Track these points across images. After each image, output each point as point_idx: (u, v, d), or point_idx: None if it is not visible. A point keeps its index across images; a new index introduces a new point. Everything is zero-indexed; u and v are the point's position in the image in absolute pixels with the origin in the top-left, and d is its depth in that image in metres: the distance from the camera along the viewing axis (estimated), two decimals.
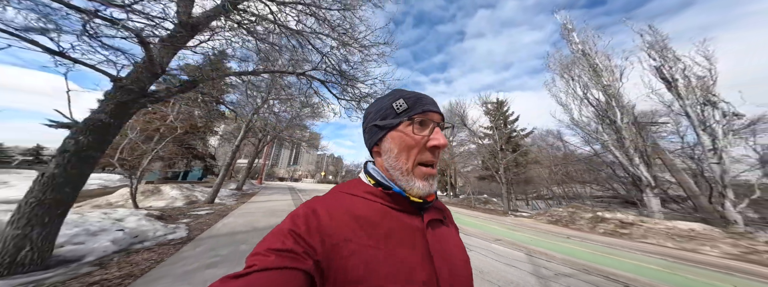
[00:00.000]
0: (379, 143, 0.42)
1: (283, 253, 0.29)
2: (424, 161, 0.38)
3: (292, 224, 0.33)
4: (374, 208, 0.37)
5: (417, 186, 0.38)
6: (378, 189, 0.39)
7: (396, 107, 0.40)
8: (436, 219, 0.41)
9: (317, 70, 4.31)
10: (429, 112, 0.40)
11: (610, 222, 7.27)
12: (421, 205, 0.39)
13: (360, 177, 0.44)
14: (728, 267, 3.96)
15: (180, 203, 6.31)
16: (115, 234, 2.83)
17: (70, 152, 2.15)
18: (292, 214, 0.35)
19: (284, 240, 0.30)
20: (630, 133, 7.93)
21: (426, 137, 0.38)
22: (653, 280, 2.99)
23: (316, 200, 0.38)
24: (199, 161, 13.84)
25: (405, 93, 0.42)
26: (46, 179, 2.06)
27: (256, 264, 0.27)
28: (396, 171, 0.39)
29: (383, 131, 0.40)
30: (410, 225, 0.37)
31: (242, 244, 3.42)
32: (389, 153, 0.40)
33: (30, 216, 1.98)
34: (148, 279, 2.18)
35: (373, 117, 0.43)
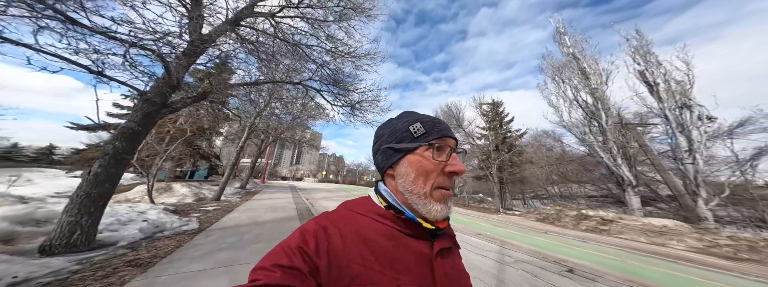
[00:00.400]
0: (393, 166, 0.41)
1: (290, 270, 0.29)
2: (442, 185, 0.38)
3: (302, 241, 0.32)
4: (384, 232, 0.37)
5: (435, 209, 0.37)
6: (390, 212, 0.39)
7: (413, 131, 0.40)
8: (446, 248, 0.40)
9: (312, 80, 4.80)
10: (446, 137, 0.40)
11: (592, 220, 7.66)
12: (433, 232, 0.38)
13: (370, 197, 0.43)
14: (681, 257, 4.37)
15: (189, 199, 6.88)
16: (141, 224, 3.36)
17: (110, 155, 2.67)
18: (302, 229, 0.35)
19: (292, 256, 0.30)
20: (613, 134, 8.28)
21: (444, 163, 0.38)
22: (599, 266, 3.43)
23: (327, 217, 0.38)
24: (204, 160, 14.51)
25: (421, 117, 0.42)
26: (91, 176, 2.57)
27: (261, 279, 0.27)
28: (413, 195, 0.38)
29: (399, 154, 0.40)
30: (419, 251, 0.36)
31: (246, 234, 3.93)
32: (405, 177, 0.39)
33: (80, 206, 2.50)
34: (170, 259, 2.69)
35: (387, 139, 0.42)
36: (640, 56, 8.04)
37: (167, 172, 11.43)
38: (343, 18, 5.03)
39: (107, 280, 2.09)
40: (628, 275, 3.09)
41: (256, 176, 25.86)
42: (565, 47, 11.12)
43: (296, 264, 0.29)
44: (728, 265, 4.06)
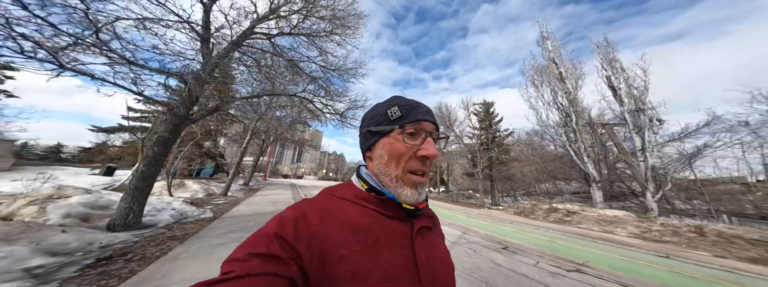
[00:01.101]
0: (371, 149, 0.42)
1: (267, 258, 0.28)
2: (414, 169, 0.38)
3: (279, 228, 0.32)
4: (365, 213, 0.37)
5: (405, 194, 0.38)
6: (371, 195, 0.39)
7: (390, 114, 0.40)
8: (425, 226, 0.41)
9: (306, 92, 5.66)
10: (422, 121, 0.39)
11: (559, 212, 8.56)
12: (412, 212, 0.39)
13: (352, 181, 0.43)
14: (607, 238, 5.30)
15: (201, 194, 7.81)
16: (171, 211, 4.27)
17: (151, 158, 3.56)
18: (278, 217, 0.34)
19: (269, 244, 0.29)
20: (580, 134, 9.11)
21: (416, 146, 0.38)
22: (531, 245, 4.33)
23: (306, 203, 0.38)
24: (210, 159, 15.49)
25: (401, 101, 0.43)
26: (139, 174, 3.47)
27: (235, 270, 0.26)
28: (385, 177, 0.39)
29: (376, 137, 0.41)
30: (400, 231, 0.37)
31: (250, 222, 4.83)
32: (380, 159, 0.40)
33: (132, 196, 3.39)
34: (197, 236, 3.59)
35: (368, 122, 0.43)
36: (607, 63, 8.80)
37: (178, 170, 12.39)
38: (333, 33, 5.85)
39: (159, 248, 2.99)
40: (545, 250, 4.00)
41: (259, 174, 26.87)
42: (546, 52, 11.84)
43: (273, 251, 0.29)
44: (641, 244, 4.97)
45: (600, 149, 9.08)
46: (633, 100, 7.72)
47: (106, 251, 2.59)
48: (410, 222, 0.39)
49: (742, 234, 4.88)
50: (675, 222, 5.95)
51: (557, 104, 10.44)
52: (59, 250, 2.30)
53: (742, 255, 4.41)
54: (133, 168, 4.32)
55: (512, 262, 3.26)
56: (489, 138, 17.07)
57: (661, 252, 4.41)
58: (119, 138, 16.10)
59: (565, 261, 3.44)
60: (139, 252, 2.77)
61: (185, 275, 2.24)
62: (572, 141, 9.49)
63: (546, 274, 2.87)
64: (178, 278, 2.17)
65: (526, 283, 2.59)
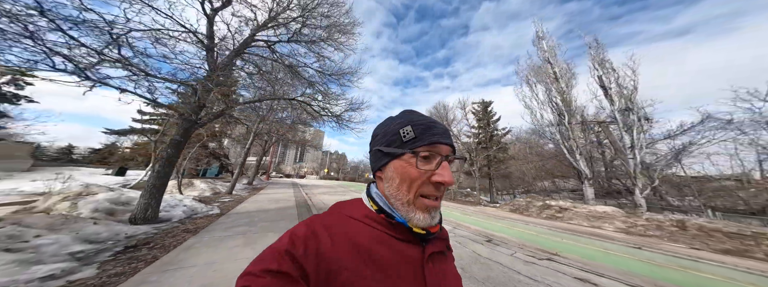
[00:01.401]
0: (382, 169, 0.40)
1: (279, 275, 0.28)
2: (427, 194, 0.37)
3: (290, 244, 0.32)
4: (374, 236, 0.36)
5: (417, 218, 0.36)
6: (380, 216, 0.38)
7: (402, 135, 0.38)
8: (438, 252, 0.39)
9: (304, 96, 6.01)
10: (437, 144, 0.37)
11: (552, 209, 8.81)
12: (424, 236, 0.38)
13: (362, 199, 0.43)
14: (592, 233, 5.56)
15: (208, 193, 8.26)
16: (183, 208, 4.68)
17: (165, 159, 3.95)
18: (291, 232, 0.34)
19: (280, 260, 0.30)
20: (573, 133, 9.32)
21: (430, 172, 0.36)
22: (515, 238, 4.64)
23: (317, 219, 0.38)
24: (215, 160, 16.06)
25: (415, 119, 0.40)
26: (156, 173, 3.87)
27: (251, 286, 0.27)
28: (396, 201, 0.38)
29: (387, 158, 0.39)
30: (410, 256, 0.36)
31: (255, 217, 5.22)
32: (391, 182, 0.38)
33: (150, 193, 3.80)
34: (207, 229, 3.99)
35: (379, 140, 0.42)
36: (598, 63, 8.98)
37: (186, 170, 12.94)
38: (330, 39, 6.20)
39: (175, 238, 3.38)
40: (526, 242, 4.30)
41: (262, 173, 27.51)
42: (542, 51, 12.00)
43: (284, 268, 0.29)
44: (623, 237, 5.24)
45: (594, 147, 9.28)
46: (622, 99, 7.91)
47: (132, 240, 2.99)
48: (422, 247, 0.38)
49: (721, 228, 5.10)
50: (659, 217, 6.18)
51: (551, 103, 10.64)
52: (93, 239, 2.69)
53: (717, 247, 4.65)
54: (148, 168, 4.84)
55: (492, 252, 3.58)
56: (487, 137, 17.29)
57: (638, 244, 4.68)
58: (128, 140, 16.78)
59: (542, 251, 3.74)
60: (159, 242, 3.16)
61: (198, 261, 2.61)
62: (566, 139, 9.70)
63: (520, 262, 3.18)
64: (193, 263, 2.55)
65: (498, 269, 2.91)
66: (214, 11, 5.13)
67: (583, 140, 9.16)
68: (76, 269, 2.12)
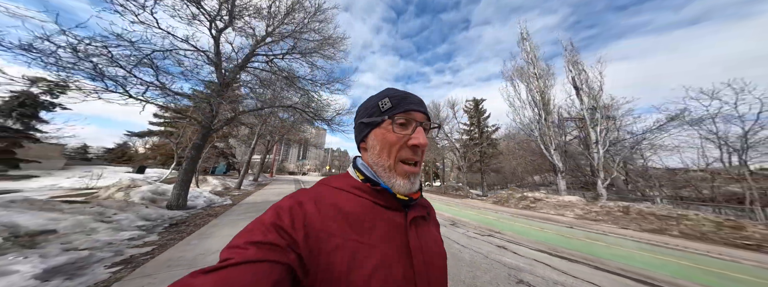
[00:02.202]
0: (365, 140, 0.43)
1: (265, 245, 0.28)
2: (405, 158, 0.39)
3: (276, 217, 0.33)
4: (360, 203, 0.38)
5: (398, 184, 0.39)
6: (366, 185, 0.40)
7: (381, 106, 0.41)
8: (420, 216, 0.41)
9: (299, 103, 6.97)
10: (412, 111, 0.40)
11: (528, 200, 9.74)
12: (406, 202, 0.40)
13: (349, 171, 0.45)
14: (548, 218, 6.48)
15: (219, 188, 9.40)
16: (203, 198, 5.76)
17: (190, 158, 4.99)
18: (275, 206, 0.35)
19: (266, 232, 0.30)
20: (549, 129, 10.10)
21: (407, 136, 0.39)
22: (477, 222, 5.60)
23: (303, 192, 0.39)
24: (223, 158, 17.31)
25: (392, 92, 0.43)
26: (183, 170, 4.91)
27: (233, 258, 0.27)
28: (378, 168, 0.40)
29: (368, 128, 0.42)
30: (394, 221, 0.38)
31: (261, 207, 6.30)
32: (372, 149, 0.41)
33: (180, 186, 4.85)
34: (225, 214, 5.06)
35: (361, 114, 0.44)
36: (572, 64, 9.64)
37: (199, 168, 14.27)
38: (321, 49, 7.10)
39: (202, 220, 4.44)
40: (483, 225, 5.27)
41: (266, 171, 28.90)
42: (525, 52, 12.60)
43: (271, 239, 0.29)
44: (572, 221, 6.19)
45: (579, 143, 10.07)
46: (588, 98, 8.64)
47: (173, 220, 4.05)
48: (404, 212, 0.40)
49: (655, 212, 5.97)
50: (610, 204, 7.06)
51: (531, 102, 11.37)
52: (148, 217, 3.75)
53: (646, 226, 5.54)
54: (172, 166, 5.92)
55: (448, 231, 4.54)
56: (478, 133, 18.08)
57: (574, 224, 5.62)
58: (142, 141, 18.10)
59: (489, 230, 4.70)
60: (191, 221, 4.22)
61: (221, 233, 3.64)
62: (542, 135, 10.50)
63: (464, 237, 4.13)
64: (218, 234, 3.57)
65: (446, 242, 3.88)
66: (219, 32, 6.03)
67: (560, 136, 9.92)
68: (145, 235, 3.16)
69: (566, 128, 10.72)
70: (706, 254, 3.62)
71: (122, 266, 2.30)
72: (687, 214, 5.47)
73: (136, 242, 2.92)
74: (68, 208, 3.07)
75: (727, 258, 3.46)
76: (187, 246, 2.97)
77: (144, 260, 2.47)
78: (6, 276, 1.70)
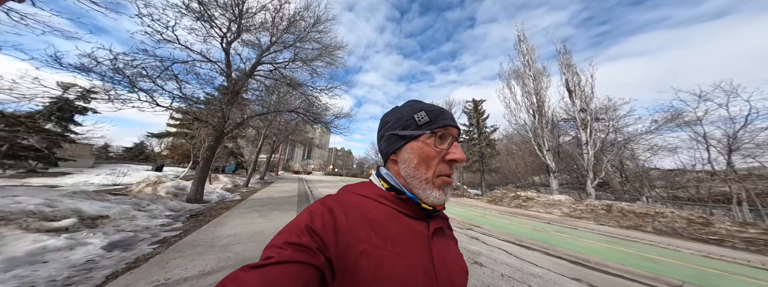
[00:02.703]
0: (397, 152, 0.43)
1: (299, 247, 0.30)
2: (443, 173, 0.40)
3: (309, 220, 0.34)
4: (385, 212, 0.39)
5: (433, 195, 0.39)
6: (391, 194, 0.41)
7: (418, 119, 0.41)
8: (440, 228, 0.42)
9: (301, 107, 7.61)
10: (449, 126, 0.41)
11: (521, 198, 10.09)
12: (430, 212, 0.41)
13: (372, 180, 0.45)
14: (535, 216, 6.84)
15: (229, 185, 10.22)
16: (216, 194, 6.50)
17: (205, 158, 5.70)
18: (309, 209, 0.37)
19: (300, 234, 0.32)
20: (542, 131, 10.36)
21: (445, 151, 0.40)
22: (461, 217, 6.06)
23: (331, 198, 0.40)
24: (232, 158, 18.37)
25: (425, 106, 0.44)
26: (199, 169, 5.63)
27: (274, 257, 0.29)
28: (414, 180, 0.40)
29: (403, 140, 0.42)
30: (417, 231, 0.38)
31: (266, 202, 6.97)
32: (408, 163, 0.41)
33: (197, 183, 5.57)
34: (236, 207, 5.74)
35: (392, 126, 0.44)
36: (565, 67, 9.86)
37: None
38: (321, 57, 7.72)
39: (217, 212, 5.13)
40: (466, 220, 5.73)
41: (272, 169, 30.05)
42: (522, 54, 12.81)
43: (304, 241, 0.31)
44: (555, 218, 6.55)
45: (560, 143, 10.31)
46: (578, 100, 8.87)
47: (193, 211, 4.75)
48: (427, 223, 0.41)
49: (635, 210, 6.27)
50: (595, 203, 7.36)
51: (527, 103, 11.62)
52: (173, 208, 4.45)
53: (624, 223, 5.86)
54: (189, 165, 6.83)
55: None
56: (477, 134, 18.34)
57: (553, 221, 6.00)
58: (157, 140, 19.42)
59: (470, 224, 5.18)
60: (208, 213, 4.91)
61: (233, 222, 4.29)
62: (536, 136, 10.77)
63: None
64: (230, 223, 4.22)
65: None
66: (229, 44, 6.72)
67: (554, 137, 10.16)
68: (172, 223, 3.84)
69: (562, 129, 10.94)
70: (655, 244, 4.00)
71: (159, 244, 2.95)
72: (663, 212, 5.76)
73: (166, 227, 3.59)
74: (114, 199, 3.79)
75: (672, 247, 3.83)
76: (205, 232, 3.62)
77: (174, 240, 3.12)
78: (85, 246, 2.36)
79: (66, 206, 2.88)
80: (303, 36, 7.37)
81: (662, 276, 2.53)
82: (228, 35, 6.47)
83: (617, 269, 2.70)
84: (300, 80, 7.73)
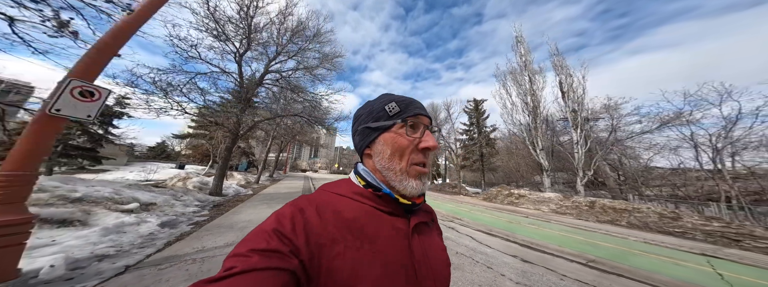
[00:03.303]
0: (370, 145, 0.42)
1: (268, 253, 0.28)
2: (417, 161, 0.39)
3: (277, 223, 0.32)
4: (362, 209, 0.38)
5: (411, 185, 0.38)
6: (368, 190, 0.40)
7: (388, 110, 0.41)
8: (422, 222, 0.41)
9: (304, 111, 8.47)
10: (420, 115, 0.41)
11: (513, 196, 10.50)
12: (409, 207, 0.40)
13: (350, 178, 0.44)
14: (518, 211, 7.33)
15: (242, 182, 11.32)
16: (233, 189, 7.49)
17: (223, 157, 6.66)
18: (277, 213, 0.35)
19: (268, 239, 0.30)
20: (536, 131, 10.65)
21: (417, 139, 0.39)
22: (447, 212, 6.66)
23: (304, 199, 0.38)
24: (244, 156, 19.84)
25: (396, 97, 0.43)
26: (218, 167, 6.59)
27: (237, 266, 0.26)
28: (389, 172, 0.39)
29: (375, 132, 0.41)
30: (396, 227, 0.38)
31: (274, 196, 7.88)
32: (381, 154, 0.40)
33: (218, 178, 6.55)
34: (249, 200, 6.66)
35: (364, 119, 0.44)
36: (559, 68, 10.07)
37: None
38: (323, 64, 8.51)
39: (234, 203, 6.05)
40: (450, 214, 6.33)
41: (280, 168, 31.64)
42: (519, 55, 13.00)
43: (273, 245, 0.29)
44: (538, 214, 7.01)
45: (556, 143, 10.57)
46: (570, 101, 9.11)
47: (215, 203, 5.69)
48: (407, 218, 0.40)
49: (615, 206, 6.62)
50: (580, 200, 7.71)
51: (522, 104, 11.88)
52: (201, 199, 5.39)
53: (602, 218, 6.25)
54: (209, 163, 8.02)
55: None
56: (477, 133, 18.61)
57: (531, 215, 6.49)
58: (177, 141, 21.26)
59: (455, 218, 5.78)
60: (227, 204, 5.83)
61: (247, 211, 5.14)
62: (532, 137, 11.07)
63: None
64: (245, 212, 5.07)
65: None
66: (241, 57, 7.61)
67: (549, 137, 10.43)
68: (201, 210, 4.75)
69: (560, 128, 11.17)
70: (610, 234, 4.49)
71: (194, 225, 3.81)
72: (640, 207, 6.10)
73: (197, 214, 4.49)
74: (157, 190, 4.74)
75: (622, 236, 4.30)
76: (226, 218, 4.48)
77: (204, 223, 3.98)
78: (146, 223, 3.23)
79: (127, 194, 3.80)
80: (305, 47, 8.18)
81: (585, 254, 3.08)
82: (240, 49, 7.37)
83: (554, 249, 3.26)
84: (304, 86, 8.58)
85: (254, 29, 7.27)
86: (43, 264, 1.86)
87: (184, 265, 2.23)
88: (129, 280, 1.90)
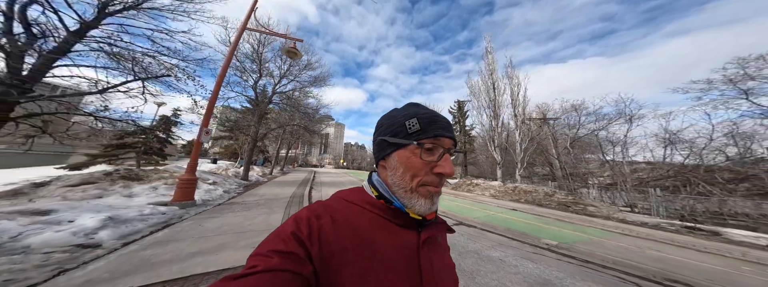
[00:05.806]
0: (385, 158, 0.42)
1: (287, 255, 0.29)
2: (428, 183, 0.38)
3: (295, 227, 0.33)
4: (373, 220, 0.38)
5: (418, 204, 0.38)
6: (380, 202, 0.40)
7: (408, 127, 0.40)
8: (432, 237, 0.41)
9: (300, 123, 11.47)
10: (441, 137, 0.39)
11: (473, 185, 12.88)
12: (421, 222, 0.40)
13: (363, 187, 0.44)
14: (462, 196, 9.78)
15: (260, 173, 14.66)
16: (255, 177, 10.69)
17: (248, 154, 9.76)
18: (295, 216, 0.36)
19: (287, 242, 0.31)
20: (494, 131, 12.81)
21: (433, 163, 0.38)
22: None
23: (320, 205, 0.39)
24: (261, 154, 23.69)
25: (420, 111, 0.42)
26: (245, 161, 9.70)
27: (259, 265, 0.28)
28: (399, 189, 0.39)
29: (391, 148, 0.41)
30: (406, 241, 0.38)
31: (284, 184, 10.93)
32: (394, 170, 0.40)
33: (245, 169, 9.72)
34: (267, 184, 9.73)
35: (384, 131, 0.43)
36: (508, 78, 12.07)
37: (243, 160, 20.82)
38: (315, 83, 11.38)
39: (256, 185, 9.14)
40: None
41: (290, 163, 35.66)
42: (487, 64, 14.88)
43: (292, 249, 0.30)
44: (477, 197, 9.44)
45: (503, 141, 12.73)
46: (514, 107, 11.18)
47: (244, 184, 8.80)
48: (417, 232, 0.40)
49: (525, 189, 8.91)
50: (511, 186, 10.03)
51: (486, 107, 13.96)
52: (237, 182, 8.52)
53: (514, 198, 8.59)
54: (239, 159, 11.71)
55: None
56: (460, 131, 20.75)
57: (473, 199, 8.94)
58: (211, 141, 25.73)
59: None
60: (252, 186, 8.92)
61: (265, 190, 8.08)
62: (490, 136, 13.24)
63: None
64: (263, 189, 8.03)
65: None
66: (256, 83, 10.57)
67: (500, 136, 12.56)
68: (237, 188, 7.83)
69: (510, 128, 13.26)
70: (501, 207, 6.90)
71: (237, 194, 6.83)
72: (538, 190, 8.38)
73: (237, 189, 7.55)
74: (214, 176, 7.89)
75: (503, 207, 6.72)
76: (252, 191, 7.47)
77: (242, 193, 7.00)
78: (217, 191, 6.30)
79: (203, 176, 6.91)
80: (298, 75, 11.14)
81: (464, 216, 5.59)
82: (253, 77, 10.34)
83: (462, 218, 5.82)
84: (301, 99, 11.57)
85: (263, 61, 10.20)
86: (198, 197, 4.87)
87: (239, 204, 5.18)
88: (228, 204, 4.88)
